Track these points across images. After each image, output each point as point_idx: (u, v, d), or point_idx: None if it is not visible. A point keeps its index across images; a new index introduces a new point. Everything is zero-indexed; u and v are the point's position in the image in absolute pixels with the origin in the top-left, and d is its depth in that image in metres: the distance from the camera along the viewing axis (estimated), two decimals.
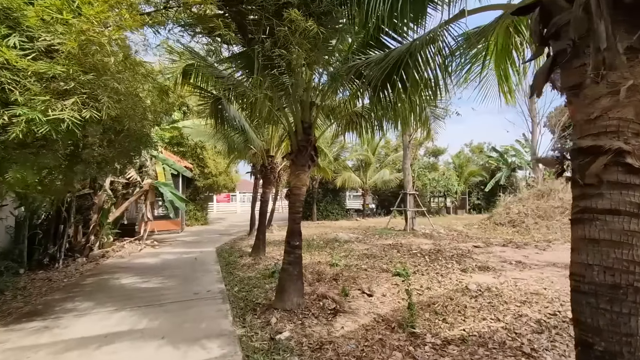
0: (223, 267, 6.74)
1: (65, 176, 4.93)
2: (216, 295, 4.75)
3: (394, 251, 7.91)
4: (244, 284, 5.37)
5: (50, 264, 6.95)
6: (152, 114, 4.79)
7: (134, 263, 7.36)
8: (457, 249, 7.94)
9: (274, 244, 9.45)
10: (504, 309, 3.99)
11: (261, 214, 7.87)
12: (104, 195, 8.41)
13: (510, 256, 7.08)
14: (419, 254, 7.41)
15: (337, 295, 4.62)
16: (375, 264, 6.53)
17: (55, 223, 7.26)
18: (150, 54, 7.70)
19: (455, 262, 6.46)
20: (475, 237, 9.84)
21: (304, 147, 4.21)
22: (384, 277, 5.55)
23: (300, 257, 4.26)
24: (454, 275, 5.54)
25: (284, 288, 4.08)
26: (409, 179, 12.06)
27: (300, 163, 4.22)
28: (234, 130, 6.61)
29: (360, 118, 5.20)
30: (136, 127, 4.44)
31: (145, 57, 4.21)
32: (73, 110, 2.80)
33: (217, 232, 13.20)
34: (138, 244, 9.66)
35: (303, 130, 4.26)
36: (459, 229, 11.83)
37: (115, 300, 4.60)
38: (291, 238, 4.19)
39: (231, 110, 5.87)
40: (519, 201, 11.85)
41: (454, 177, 20.65)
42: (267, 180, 7.72)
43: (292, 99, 4.13)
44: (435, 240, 9.65)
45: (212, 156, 15.01)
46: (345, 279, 5.48)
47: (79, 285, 5.53)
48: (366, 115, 4.87)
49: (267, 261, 7.12)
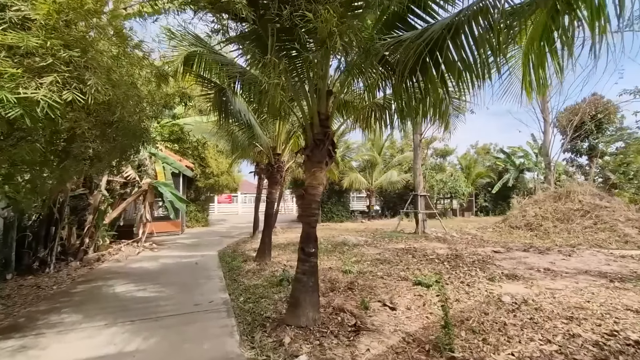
0: (226, 273, 6.24)
1: (54, 173, 4.46)
2: (220, 307, 4.24)
3: (409, 256, 7.40)
4: (250, 293, 4.87)
5: (40, 268, 6.46)
6: (150, 105, 4.31)
7: (131, 268, 6.86)
8: (476, 254, 7.42)
9: (279, 247, 8.97)
10: (550, 327, 3.48)
11: (267, 216, 7.37)
12: (99, 195, 7.92)
13: (535, 262, 6.56)
14: (437, 260, 6.90)
15: (356, 308, 4.12)
16: (391, 271, 6.02)
17: (46, 225, 6.77)
18: (149, 40, 7.26)
19: (478, 269, 5.95)
20: (491, 241, 9.32)
21: (320, 142, 3.72)
22: (405, 287, 5.04)
23: (316, 266, 3.76)
24: (481, 285, 5.03)
25: (298, 301, 3.58)
26: (419, 180, 11.56)
27: (316, 159, 3.73)
28: (239, 126, 6.13)
29: (377, 111, 4.71)
30: (131, 120, 3.96)
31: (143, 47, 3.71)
32: (51, 92, 2.31)
33: (219, 234, 12.71)
34: (136, 246, 9.17)
35: (320, 122, 3.77)
36: (472, 232, 11.32)
37: (106, 312, 4.10)
38: (306, 244, 3.69)
39: (236, 103, 5.39)
40: (535, 203, 11.33)
41: (462, 178, 20.12)
42: (273, 179, 7.23)
43: (309, 82, 3.65)
44: (450, 244, 9.13)
45: (214, 155, 14.55)
46: (362, 288, 4.98)
47: (69, 293, 5.03)
48: (387, 107, 4.38)
49: (274, 267, 6.62)
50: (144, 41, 3.77)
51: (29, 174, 4.56)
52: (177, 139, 5.09)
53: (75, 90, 2.45)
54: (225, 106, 4.97)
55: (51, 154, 4.14)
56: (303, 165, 3.85)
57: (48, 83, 2.31)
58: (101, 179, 7.98)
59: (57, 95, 2.29)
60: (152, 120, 5.03)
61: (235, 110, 5.21)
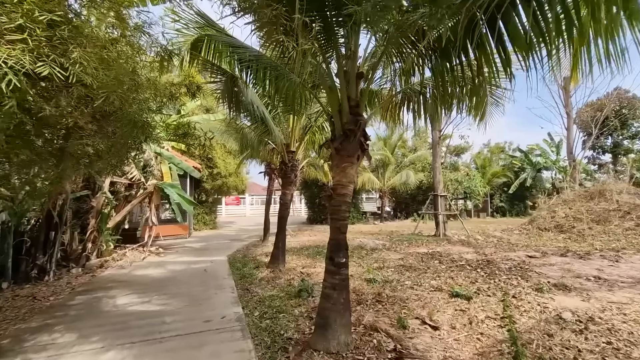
0: (237, 281, 5.70)
1: (50, 173, 3.98)
2: (233, 325, 3.69)
3: (435, 262, 6.77)
4: (266, 306, 4.31)
5: (39, 276, 6.00)
6: (152, 95, 3.79)
7: (135, 275, 6.37)
8: (509, 260, 6.76)
9: (292, 251, 8.41)
10: (637, 356, 2.84)
11: (280, 219, 6.82)
12: (102, 197, 7.47)
13: (580, 270, 5.88)
14: (468, 266, 6.26)
15: (391, 326, 3.53)
16: (420, 280, 5.41)
17: (45, 229, 6.32)
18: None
19: (519, 278, 5.31)
20: (521, 245, 8.62)
21: (351, 132, 3.15)
22: (441, 299, 4.43)
23: (348, 280, 3.18)
24: (529, 297, 4.40)
25: (327, 322, 3.01)
26: (439, 179, 10.90)
27: (346, 152, 3.16)
28: (251, 120, 5.60)
29: (408, 100, 4.13)
30: (131, 110, 3.45)
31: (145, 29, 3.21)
32: (18, 58, 1.78)
33: (228, 238, 12.21)
34: (141, 251, 8.71)
35: (349, 109, 3.20)
36: (496, 234, 10.61)
37: (104, 330, 3.58)
38: (335, 253, 3.11)
39: (248, 94, 4.85)
40: (564, 203, 10.57)
41: (478, 178, 19.34)
42: (287, 179, 6.68)
43: (338, 62, 3.08)
44: (476, 248, 8.47)
45: (221, 156, 14.09)
46: (392, 300, 4.38)
47: (66, 306, 4.53)
48: (425, 92, 3.79)
49: (289, 274, 6.06)
50: (148, 23, 3.27)
51: (26, 175, 4.12)
52: (183, 134, 4.57)
53: (54, 64, 1.92)
54: (237, 97, 4.43)
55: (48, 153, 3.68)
56: (330, 160, 3.27)
57: (18, 50, 1.79)
58: (104, 180, 7.53)
59: (29, 63, 1.76)
60: (156, 114, 4.52)
61: (247, 102, 4.67)
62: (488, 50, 2.76)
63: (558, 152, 22.23)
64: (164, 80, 4.35)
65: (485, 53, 2.80)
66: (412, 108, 4.17)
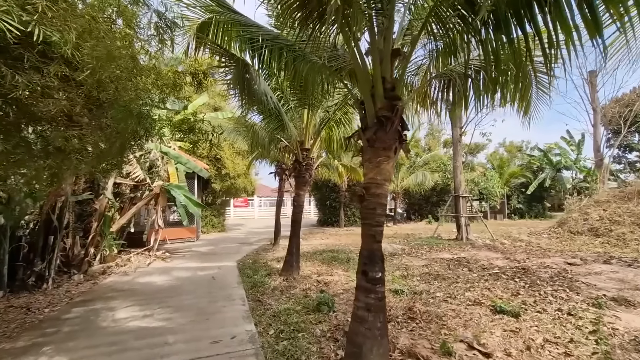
0: (248, 290, 5.19)
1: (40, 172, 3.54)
2: (245, 348, 3.16)
3: (464, 269, 6.15)
4: (282, 322, 3.79)
5: (36, 284, 5.60)
6: (153, 81, 3.31)
7: (138, 283, 5.91)
8: (547, 267, 6.10)
9: (305, 256, 7.86)
10: None
11: (294, 222, 6.29)
12: (105, 199, 7.07)
13: (636, 280, 5.20)
14: (503, 275, 5.63)
15: (433, 352, 2.95)
16: (453, 291, 4.82)
17: (44, 234, 5.92)
18: None
19: (567, 290, 4.67)
20: (554, 250, 7.92)
21: (387, 120, 2.61)
22: (483, 315, 3.84)
23: (384, 298, 2.63)
24: (588, 314, 3.76)
25: (360, 351, 2.46)
26: (460, 179, 10.24)
27: (381, 144, 2.62)
28: (263, 113, 5.09)
29: (448, 85, 3.56)
30: (127, 97, 2.97)
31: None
32: None
33: (236, 241, 11.74)
34: (147, 255, 8.28)
35: (384, 92, 2.66)
36: (523, 238, 9.89)
37: (98, 353, 3.10)
38: (370, 266, 2.57)
39: (261, 84, 4.35)
40: (597, 204, 9.79)
41: (496, 178, 18.53)
42: (302, 179, 6.16)
43: (371, 38, 2.54)
44: (504, 253, 7.80)
45: (230, 156, 13.67)
46: (426, 317, 3.80)
47: (60, 321, 4.07)
48: (470, 75, 3.21)
49: (304, 283, 5.53)
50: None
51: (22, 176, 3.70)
52: (188, 129, 4.10)
53: (9, 17, 1.43)
54: (248, 85, 3.93)
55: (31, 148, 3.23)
56: (361, 154, 2.72)
57: None
58: (107, 181, 7.13)
59: None
60: (158, 107, 4.05)
61: (260, 92, 4.16)
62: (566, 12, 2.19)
63: (579, 150, 21.26)
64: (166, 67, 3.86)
65: (562, 16, 2.23)
66: (443, 98, 3.60)
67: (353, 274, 6.08)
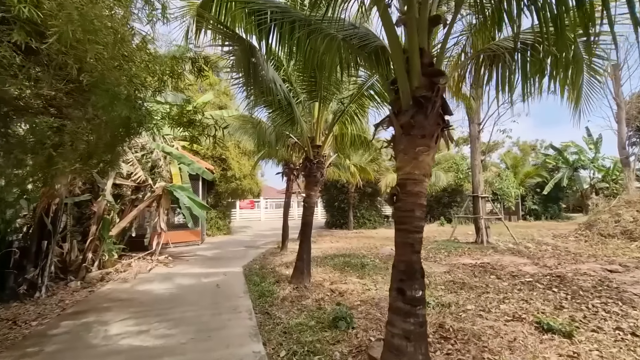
0: (255, 301, 4.72)
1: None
2: None
3: (492, 277, 5.60)
4: (294, 340, 3.31)
5: (28, 292, 5.19)
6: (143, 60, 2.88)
7: (137, 291, 5.48)
8: (584, 275, 5.51)
9: (315, 261, 7.38)
10: None
11: (304, 225, 5.82)
12: (104, 202, 6.67)
13: None
14: (537, 284, 5.07)
15: None
16: (485, 303, 4.28)
17: (37, 239, 5.52)
18: None
19: (619, 302, 4.10)
20: (586, 254, 7.29)
21: (426, 100, 2.11)
22: (528, 334, 3.30)
23: (426, 323, 2.12)
24: None
25: None
26: (479, 179, 9.65)
27: (420, 131, 2.12)
28: (273, 105, 4.61)
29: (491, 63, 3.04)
30: (113, 78, 2.53)
31: None
32: None
33: (242, 244, 11.30)
34: (149, 260, 7.87)
35: (422, 68, 2.17)
36: (548, 241, 9.25)
37: None
38: (407, 282, 2.07)
39: (269, 70, 3.88)
40: (629, 205, 9.11)
41: (511, 178, 17.82)
42: (313, 179, 5.68)
43: None
44: (531, 258, 7.20)
45: (235, 157, 13.27)
46: (462, 335, 3.28)
47: (46, 337, 3.64)
48: (522, 50, 2.68)
49: (316, 292, 5.04)
50: None
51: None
52: (188, 122, 3.65)
53: None
54: (255, 71, 3.45)
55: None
56: (392, 144, 2.20)
57: None
58: (106, 182, 6.74)
59: None
60: (154, 97, 3.61)
61: (268, 79, 3.69)
62: None
63: (597, 149, 20.43)
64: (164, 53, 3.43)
65: None
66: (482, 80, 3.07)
67: (369, 282, 5.57)
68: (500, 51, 2.62)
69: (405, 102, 2.18)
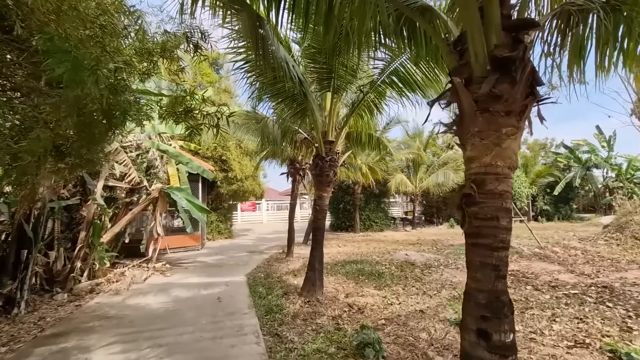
0: (263, 318, 4.10)
1: None
2: None
3: (528, 287, 4.96)
4: None
5: (4, 309, 4.59)
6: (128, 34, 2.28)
7: (129, 306, 4.86)
8: (634, 285, 4.88)
9: (325, 268, 6.72)
10: None
11: (316, 230, 5.21)
12: (94, 205, 6.06)
13: None
14: (585, 297, 4.43)
15: None
16: (532, 322, 3.65)
17: (16, 247, 4.92)
18: None
19: None
20: (624, 260, 6.65)
21: (510, 62, 1.49)
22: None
23: None
24: None
25: None
26: None
27: (503, 107, 1.51)
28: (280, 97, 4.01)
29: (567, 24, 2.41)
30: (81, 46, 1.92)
31: None
32: None
33: (245, 249, 10.67)
34: (145, 268, 7.26)
35: (502, 21, 1.56)
36: (575, 245, 8.60)
37: None
38: (493, 322, 1.43)
39: (280, 48, 3.27)
40: None
41: (522, 177, 17.19)
42: (325, 179, 5.06)
43: None
44: (563, 264, 6.56)
45: (237, 157, 12.66)
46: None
47: None
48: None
49: (332, 307, 4.43)
50: None
51: None
52: (184, 111, 3.05)
53: None
54: (263, 44, 2.83)
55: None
56: (456, 127, 1.55)
57: None
58: (96, 183, 6.13)
59: None
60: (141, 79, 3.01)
61: (279, 57, 3.08)
62: None
63: (610, 147, 19.78)
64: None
65: None
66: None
67: (389, 294, 4.94)
68: (590, 5, 1.99)
69: (479, 66, 1.56)
